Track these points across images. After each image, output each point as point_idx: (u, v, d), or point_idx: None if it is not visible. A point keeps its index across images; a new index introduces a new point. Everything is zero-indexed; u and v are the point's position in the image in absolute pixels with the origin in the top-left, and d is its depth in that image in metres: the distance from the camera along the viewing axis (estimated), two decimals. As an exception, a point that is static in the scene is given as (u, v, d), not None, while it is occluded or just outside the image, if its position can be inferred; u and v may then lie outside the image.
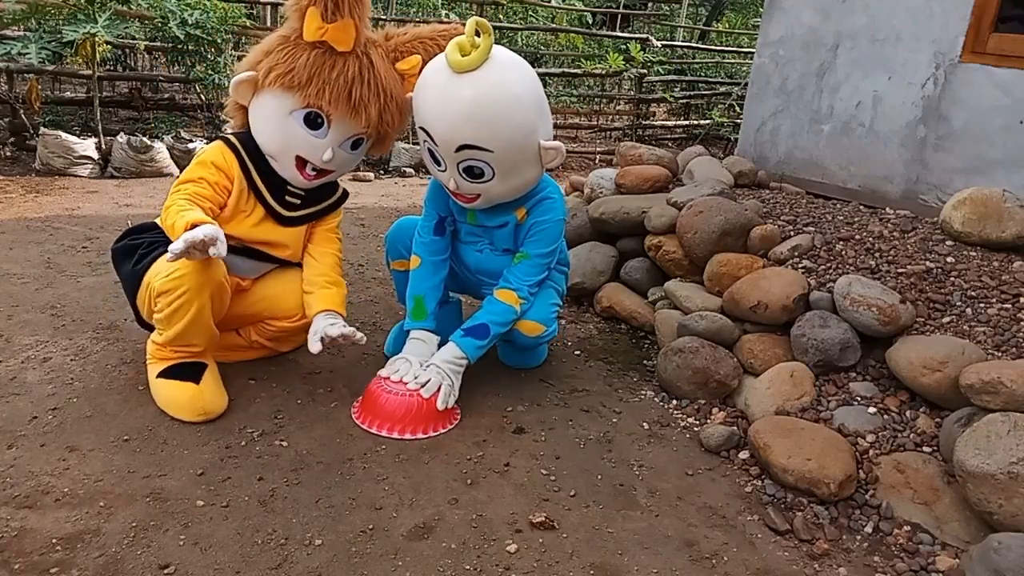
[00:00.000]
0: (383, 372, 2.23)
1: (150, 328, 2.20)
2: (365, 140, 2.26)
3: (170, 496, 1.76)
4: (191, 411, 2.06)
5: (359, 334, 2.21)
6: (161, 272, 2.01)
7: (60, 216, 3.94)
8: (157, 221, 2.19)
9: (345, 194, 2.47)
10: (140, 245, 2.17)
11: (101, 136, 5.04)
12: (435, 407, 2.12)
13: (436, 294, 2.37)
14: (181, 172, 2.21)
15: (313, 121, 2.13)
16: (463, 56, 1.98)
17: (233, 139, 2.23)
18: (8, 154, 5.20)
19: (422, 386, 2.14)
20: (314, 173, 2.22)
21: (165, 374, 2.11)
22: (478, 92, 1.98)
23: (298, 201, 2.30)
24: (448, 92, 2.01)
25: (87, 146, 4.93)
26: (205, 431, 2.04)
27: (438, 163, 2.16)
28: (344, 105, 2.10)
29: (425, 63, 2.15)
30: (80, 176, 4.87)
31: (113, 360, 2.33)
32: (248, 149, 2.21)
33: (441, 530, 1.74)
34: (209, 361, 2.18)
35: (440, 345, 2.32)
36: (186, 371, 2.11)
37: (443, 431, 2.14)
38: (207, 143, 4.42)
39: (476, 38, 1.99)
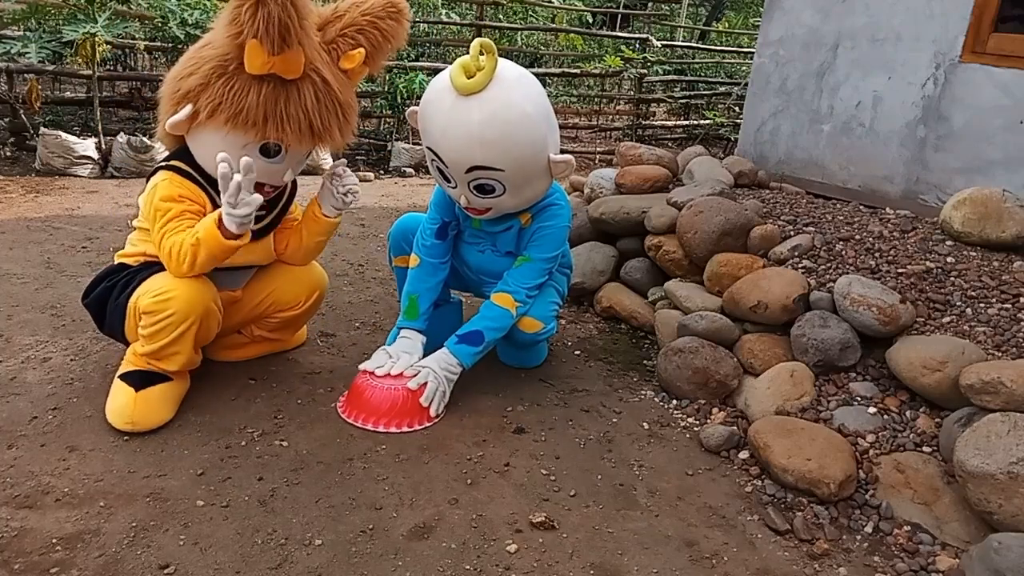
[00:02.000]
0: (365, 364, 2.23)
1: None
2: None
3: (170, 496, 1.76)
4: (119, 418, 1.98)
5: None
6: (149, 291, 1.95)
7: (60, 216, 3.94)
8: (122, 261, 2.14)
9: (295, 185, 2.35)
10: (117, 282, 2.07)
11: (101, 136, 5.04)
12: (419, 401, 2.14)
13: (431, 296, 2.37)
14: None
15: (270, 150, 2.01)
16: (468, 78, 1.95)
17: (183, 166, 2.05)
18: (8, 154, 5.21)
19: (416, 388, 2.14)
20: (272, 189, 2.13)
21: (124, 376, 2.05)
22: (486, 114, 1.96)
23: (263, 212, 2.18)
24: (455, 115, 1.98)
25: (87, 146, 4.94)
26: (205, 431, 2.04)
27: (448, 180, 2.16)
28: (307, 137, 2.00)
29: (368, 54, 2.06)
30: (80, 176, 4.87)
31: (113, 360, 2.33)
32: (203, 174, 2.06)
33: (441, 530, 1.74)
34: (177, 377, 2.10)
35: (430, 346, 2.32)
36: (141, 378, 2.02)
37: (428, 424, 2.15)
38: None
39: (480, 58, 1.96)
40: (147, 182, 2.08)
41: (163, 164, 2.08)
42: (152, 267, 2.06)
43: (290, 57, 1.87)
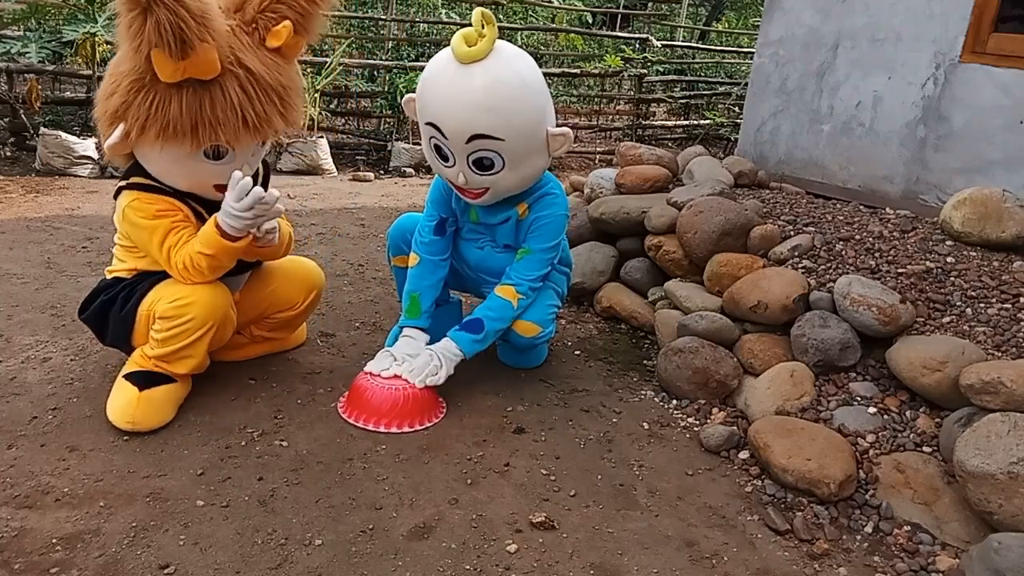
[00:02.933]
0: (369, 366, 2.23)
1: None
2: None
3: (170, 496, 1.76)
4: (120, 416, 1.97)
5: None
6: (166, 297, 1.97)
7: (60, 216, 3.94)
8: (114, 276, 2.12)
9: (267, 168, 2.30)
10: (117, 295, 2.06)
11: (101, 136, 5.03)
12: (420, 401, 2.14)
13: (432, 293, 2.37)
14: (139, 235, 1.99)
15: (216, 153, 1.95)
16: (470, 46, 1.98)
17: (144, 181, 2.01)
18: (8, 154, 5.20)
19: (414, 385, 2.15)
20: None
21: (129, 376, 2.05)
22: (488, 80, 1.99)
23: None
24: (458, 83, 2.01)
25: (87, 146, 4.93)
26: (205, 431, 2.04)
27: (445, 159, 2.15)
28: (244, 133, 1.91)
29: (296, 24, 1.93)
30: (80, 176, 4.87)
31: (113, 360, 2.33)
32: (166, 184, 2.02)
33: (441, 530, 1.74)
34: (181, 379, 2.10)
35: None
36: (145, 378, 2.02)
37: (429, 425, 2.15)
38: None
39: (481, 28, 1.99)
40: (115, 199, 2.06)
41: (124, 184, 2.04)
42: (149, 276, 2.06)
43: (200, 59, 1.75)
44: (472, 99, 2.00)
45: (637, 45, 8.67)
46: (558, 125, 2.20)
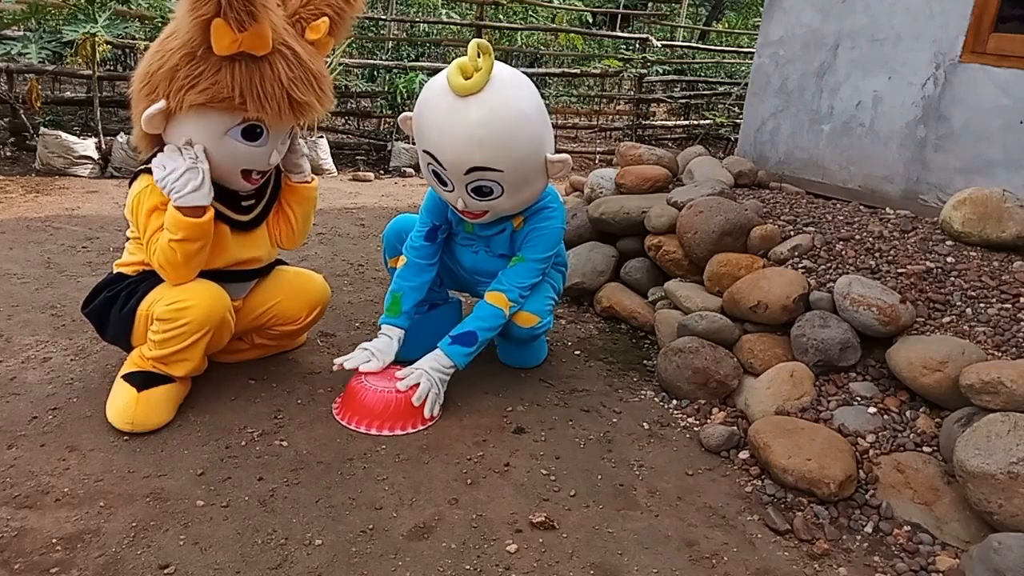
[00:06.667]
0: (342, 359, 2.22)
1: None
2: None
3: (170, 496, 1.76)
4: (119, 417, 1.98)
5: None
6: (164, 299, 1.97)
7: (60, 216, 3.94)
8: (119, 271, 2.13)
9: (279, 171, 2.31)
10: (119, 293, 2.07)
11: (101, 136, 5.04)
12: (412, 402, 2.13)
13: (415, 296, 2.36)
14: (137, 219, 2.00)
15: (252, 133, 1.98)
16: (466, 79, 1.95)
17: None
18: (8, 154, 5.21)
19: (408, 389, 2.14)
20: (260, 176, 2.11)
21: (127, 377, 2.05)
22: (484, 114, 1.96)
23: (253, 200, 2.19)
24: (454, 116, 1.98)
25: (87, 146, 4.94)
26: (205, 431, 2.04)
27: (444, 184, 2.15)
28: (287, 112, 1.96)
29: (332, 22, 2.01)
30: (80, 176, 4.88)
31: (113, 360, 2.33)
32: None
33: (441, 530, 1.74)
34: (180, 380, 2.10)
35: (430, 347, 2.29)
36: (144, 379, 2.03)
37: (423, 427, 2.15)
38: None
39: (477, 59, 1.96)
40: (129, 186, 2.05)
41: (143, 167, 2.04)
42: (152, 276, 2.06)
43: (257, 32, 1.81)
44: (468, 133, 1.98)
45: (637, 45, 8.67)
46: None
